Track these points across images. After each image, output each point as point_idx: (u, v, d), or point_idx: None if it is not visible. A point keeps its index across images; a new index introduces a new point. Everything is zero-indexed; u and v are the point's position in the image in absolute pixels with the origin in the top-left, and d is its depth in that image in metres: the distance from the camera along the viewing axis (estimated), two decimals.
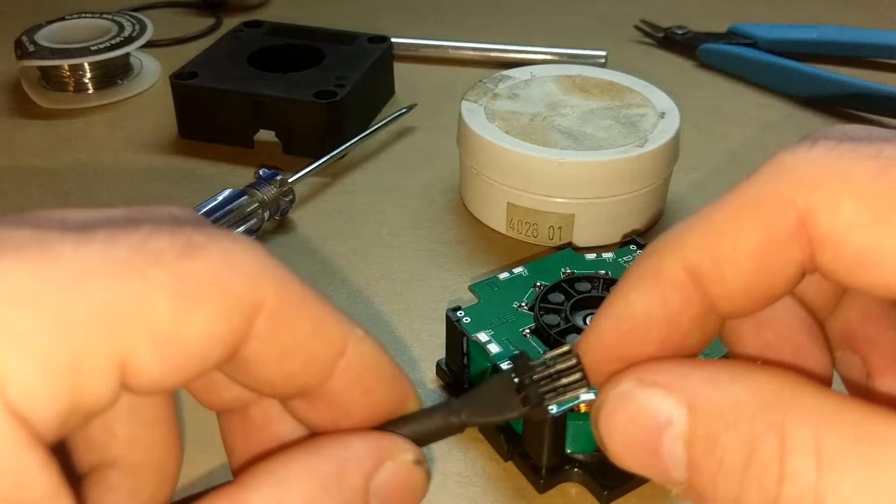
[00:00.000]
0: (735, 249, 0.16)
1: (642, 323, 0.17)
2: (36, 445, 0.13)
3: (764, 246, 0.16)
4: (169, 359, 0.14)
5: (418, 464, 0.18)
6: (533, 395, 0.18)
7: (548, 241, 0.42)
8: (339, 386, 0.17)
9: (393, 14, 0.68)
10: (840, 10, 0.69)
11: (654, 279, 0.17)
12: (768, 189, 0.16)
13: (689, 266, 0.16)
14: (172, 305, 0.14)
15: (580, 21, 0.67)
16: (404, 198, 0.46)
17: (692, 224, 0.17)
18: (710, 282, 0.16)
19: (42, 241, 0.14)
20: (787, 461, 0.15)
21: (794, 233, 0.16)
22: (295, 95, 0.48)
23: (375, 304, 0.39)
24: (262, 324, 0.15)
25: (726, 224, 0.16)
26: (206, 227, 0.15)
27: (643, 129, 0.42)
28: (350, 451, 0.17)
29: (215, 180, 0.47)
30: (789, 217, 0.15)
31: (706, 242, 0.16)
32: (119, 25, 0.56)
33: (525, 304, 0.33)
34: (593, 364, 0.18)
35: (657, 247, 0.17)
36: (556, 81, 0.46)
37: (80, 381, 0.13)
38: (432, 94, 0.56)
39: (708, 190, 0.47)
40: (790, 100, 0.56)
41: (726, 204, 0.16)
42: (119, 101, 0.55)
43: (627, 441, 0.17)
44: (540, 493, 0.30)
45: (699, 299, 0.17)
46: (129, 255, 0.14)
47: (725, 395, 0.16)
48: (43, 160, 0.49)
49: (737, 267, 0.16)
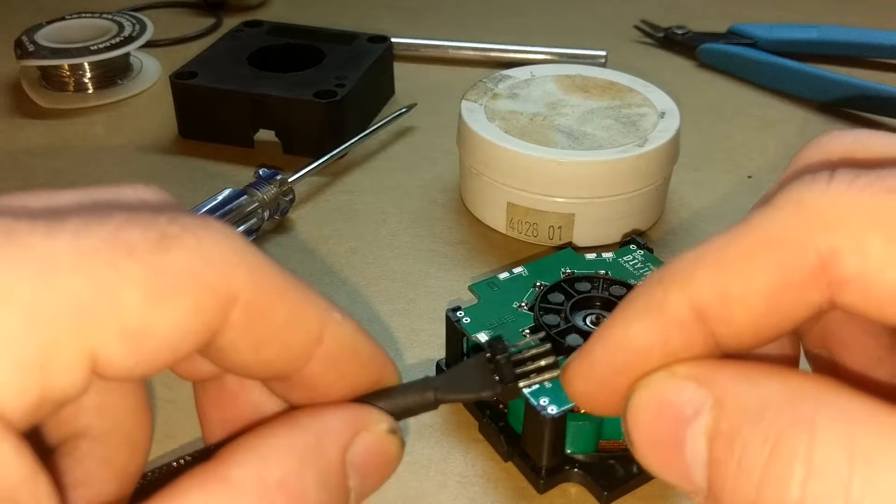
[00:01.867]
0: (747, 291, 0.15)
1: (639, 357, 0.17)
2: (7, 434, 0.13)
3: (779, 289, 0.15)
4: (140, 351, 0.14)
5: (392, 433, 0.18)
6: (507, 374, 0.19)
7: (548, 240, 0.42)
8: (316, 371, 0.17)
9: (393, 14, 0.68)
10: (840, 10, 0.69)
11: (658, 314, 0.16)
12: (786, 228, 0.15)
13: (696, 304, 0.16)
14: (144, 298, 0.14)
15: (580, 21, 0.67)
16: (404, 198, 0.46)
17: (702, 257, 0.16)
18: (716, 321, 0.16)
19: (10, 232, 0.14)
20: (815, 456, 0.13)
21: (813, 276, 0.15)
22: (295, 95, 0.48)
23: (375, 304, 0.39)
24: (236, 315, 0.15)
25: (739, 263, 0.15)
26: (180, 216, 0.15)
27: (643, 128, 0.42)
28: (326, 424, 0.17)
29: (215, 180, 0.47)
30: (809, 260, 0.15)
31: (716, 281, 0.16)
32: (119, 25, 0.56)
33: (525, 304, 0.33)
34: (584, 390, 0.18)
35: (664, 278, 0.16)
36: (556, 81, 0.46)
37: (50, 374, 0.13)
38: (432, 94, 0.56)
39: (708, 190, 0.47)
40: (790, 100, 0.56)
41: (739, 239, 0.16)
42: (119, 101, 0.55)
43: (652, 435, 0.16)
44: (540, 494, 0.30)
45: (703, 338, 0.16)
46: (100, 246, 0.14)
47: (754, 390, 0.15)
48: (43, 160, 0.49)
49: (747, 309, 0.15)
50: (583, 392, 0.18)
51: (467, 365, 0.20)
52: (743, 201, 0.46)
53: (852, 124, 0.53)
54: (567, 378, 0.18)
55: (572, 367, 0.18)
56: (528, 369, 0.19)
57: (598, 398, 0.18)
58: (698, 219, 0.45)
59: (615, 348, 0.17)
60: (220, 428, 0.19)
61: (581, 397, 0.18)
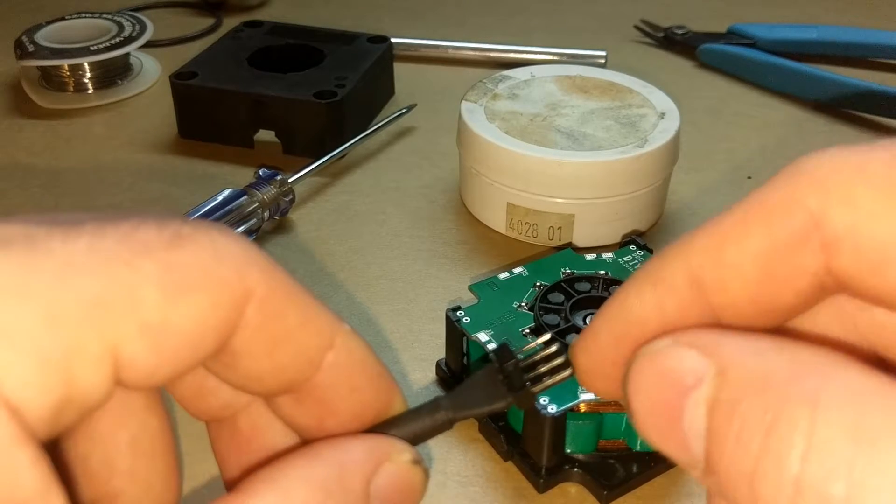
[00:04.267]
0: (739, 255, 0.15)
1: (637, 327, 0.16)
2: (28, 440, 0.13)
3: (770, 252, 0.15)
4: (161, 349, 0.14)
5: (416, 463, 0.18)
6: (517, 382, 0.19)
7: (548, 241, 0.42)
8: (326, 381, 0.17)
9: (393, 14, 0.68)
10: (840, 10, 0.69)
11: (652, 283, 0.16)
12: (779, 192, 0.15)
13: (692, 272, 0.15)
14: (162, 295, 0.14)
15: (580, 21, 0.67)
16: (404, 198, 0.46)
17: (701, 229, 0.16)
18: (712, 290, 0.15)
19: (30, 236, 0.14)
20: (817, 431, 0.13)
21: (804, 236, 0.14)
22: (295, 95, 0.48)
23: (375, 304, 0.39)
24: (251, 313, 0.15)
25: (732, 228, 0.15)
26: (193, 221, 0.16)
27: (643, 129, 0.42)
28: (349, 455, 0.17)
29: (215, 180, 0.47)
30: (798, 219, 0.14)
31: (709, 246, 0.15)
32: (119, 25, 0.56)
33: (525, 304, 0.33)
34: (586, 365, 0.18)
35: (664, 252, 0.16)
36: (556, 81, 0.46)
37: (73, 373, 0.13)
38: (432, 94, 0.56)
39: (708, 190, 0.47)
40: (790, 100, 0.56)
41: (736, 208, 0.15)
42: (119, 101, 0.55)
43: (651, 403, 0.15)
44: (540, 493, 0.30)
45: (699, 308, 0.16)
46: (116, 246, 0.14)
47: (759, 361, 0.14)
48: (43, 160, 0.49)
49: (741, 275, 0.15)
50: (586, 368, 0.18)
51: (476, 378, 0.19)
52: None
53: (852, 124, 0.53)
54: (573, 355, 0.18)
55: (577, 343, 0.18)
56: (540, 372, 0.19)
57: (600, 373, 0.18)
58: (698, 219, 0.45)
59: (614, 319, 0.17)
60: (238, 471, 0.19)
61: (584, 374, 0.18)
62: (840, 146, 0.15)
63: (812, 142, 0.52)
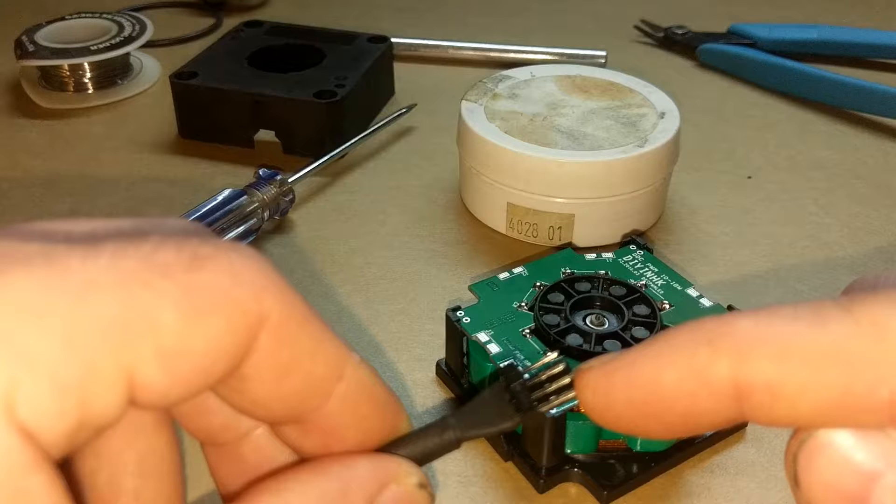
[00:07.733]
0: (803, 398, 0.15)
1: (661, 403, 0.16)
2: (43, 465, 0.13)
3: (837, 410, 0.15)
4: (175, 371, 0.14)
5: (422, 487, 0.18)
6: (525, 402, 0.19)
7: (548, 241, 0.42)
8: (334, 411, 0.17)
9: (393, 14, 0.68)
10: (840, 10, 0.69)
11: (697, 376, 0.16)
12: (865, 352, 0.15)
13: (742, 386, 0.15)
14: (180, 317, 0.14)
15: (580, 21, 0.67)
16: (404, 198, 0.46)
17: (762, 335, 0.15)
18: (755, 407, 0.15)
19: (49, 254, 0.14)
20: None
21: (883, 409, 0.15)
22: (295, 95, 0.48)
23: (375, 304, 0.39)
24: (264, 338, 0.15)
25: (805, 369, 0.15)
26: (212, 239, 0.15)
27: (643, 129, 0.42)
28: (354, 472, 0.17)
29: (215, 180, 0.47)
30: (882, 397, 0.15)
31: (773, 375, 0.15)
32: (119, 25, 0.56)
33: (525, 304, 0.33)
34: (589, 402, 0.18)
35: (714, 340, 0.16)
36: (556, 81, 0.46)
37: (89, 395, 0.13)
38: (432, 94, 0.56)
39: (708, 190, 0.47)
40: (790, 100, 0.56)
41: (807, 337, 0.15)
42: (119, 101, 0.55)
43: (834, 487, 0.16)
44: (540, 493, 0.30)
45: (729, 412, 0.16)
46: (136, 266, 0.14)
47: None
48: (43, 160, 0.49)
49: (793, 412, 0.15)
50: (591, 404, 0.18)
51: (484, 397, 0.19)
52: (743, 201, 0.46)
53: (852, 124, 0.53)
54: (580, 386, 0.18)
55: (588, 379, 0.18)
56: (548, 392, 0.19)
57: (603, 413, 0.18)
58: (698, 219, 0.45)
59: (640, 384, 0.17)
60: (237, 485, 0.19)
61: (586, 405, 0.18)
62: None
63: (812, 142, 0.52)
